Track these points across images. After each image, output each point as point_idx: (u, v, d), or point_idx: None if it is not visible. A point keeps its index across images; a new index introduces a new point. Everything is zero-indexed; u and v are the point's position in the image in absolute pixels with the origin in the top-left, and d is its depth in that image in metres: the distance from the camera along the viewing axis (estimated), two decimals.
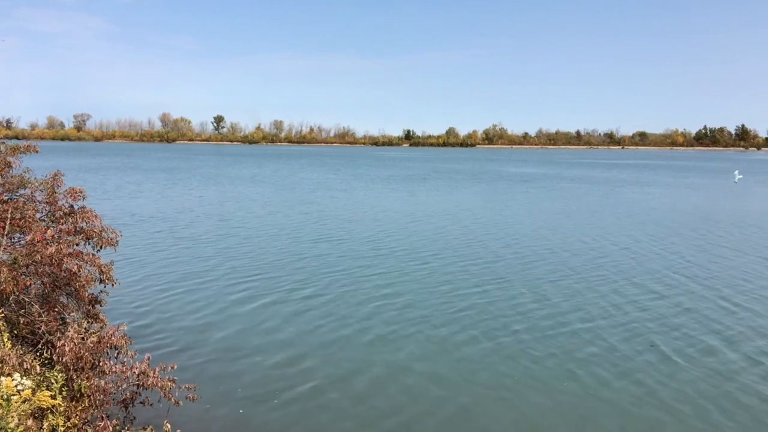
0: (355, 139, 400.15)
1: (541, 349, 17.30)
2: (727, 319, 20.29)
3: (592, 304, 21.72)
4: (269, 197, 59.70)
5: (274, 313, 20.50)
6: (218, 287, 23.82)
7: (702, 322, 19.84)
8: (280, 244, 33.28)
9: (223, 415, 13.22)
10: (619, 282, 25.13)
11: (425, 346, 17.53)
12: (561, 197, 63.94)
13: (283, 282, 24.71)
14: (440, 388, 14.78)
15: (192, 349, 17.09)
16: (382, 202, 57.01)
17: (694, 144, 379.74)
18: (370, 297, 22.39)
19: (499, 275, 26.07)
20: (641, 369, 15.97)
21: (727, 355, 17.05)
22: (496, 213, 49.22)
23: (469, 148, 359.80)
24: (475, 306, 21.31)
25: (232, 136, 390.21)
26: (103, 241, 12.84)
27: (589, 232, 38.97)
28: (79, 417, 10.25)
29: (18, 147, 13.41)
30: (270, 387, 14.72)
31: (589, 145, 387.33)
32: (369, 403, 13.99)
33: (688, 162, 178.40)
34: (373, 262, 28.34)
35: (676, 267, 28.31)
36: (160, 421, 11.31)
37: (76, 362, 10.45)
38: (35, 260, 11.58)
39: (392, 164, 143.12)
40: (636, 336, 18.46)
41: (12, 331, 11.27)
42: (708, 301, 22.38)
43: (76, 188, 13.27)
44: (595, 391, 14.63)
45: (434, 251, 31.30)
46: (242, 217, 45.33)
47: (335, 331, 18.83)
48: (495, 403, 14.04)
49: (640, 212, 50.58)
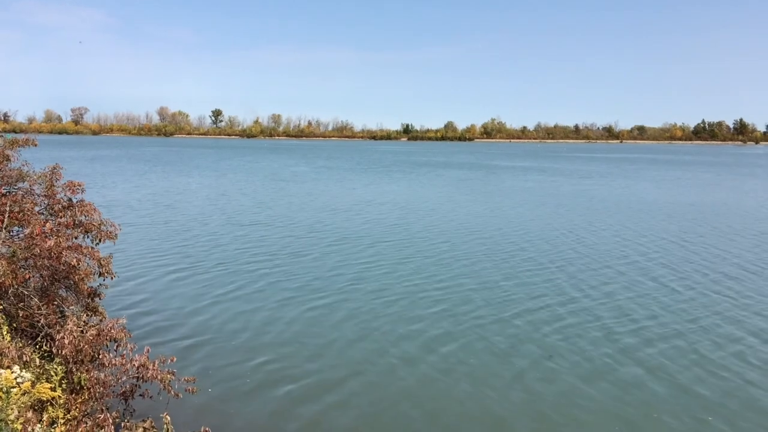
0: (353, 133, 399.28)
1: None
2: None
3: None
4: (268, 188, 59.73)
5: (275, 305, 20.53)
6: (218, 279, 23.85)
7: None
8: (281, 235, 33.35)
9: (223, 408, 13.26)
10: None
11: (435, 336, 17.61)
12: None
13: (284, 273, 24.75)
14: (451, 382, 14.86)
15: (191, 341, 17.13)
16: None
17: (692, 138, 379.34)
18: (375, 290, 22.44)
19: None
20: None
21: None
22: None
23: (467, 142, 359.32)
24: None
25: (230, 130, 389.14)
26: (102, 235, 12.86)
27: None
28: (79, 409, 10.29)
29: (16, 140, 13.39)
30: (271, 380, 14.76)
31: (587, 139, 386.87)
32: (378, 397, 14.02)
33: (676, 156, 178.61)
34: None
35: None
36: (160, 413, 11.38)
37: (76, 355, 10.49)
38: (34, 253, 11.59)
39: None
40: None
41: (11, 324, 11.29)
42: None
43: (75, 181, 13.26)
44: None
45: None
46: (240, 208, 45.35)
47: (340, 324, 18.87)
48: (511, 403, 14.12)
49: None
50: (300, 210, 45.24)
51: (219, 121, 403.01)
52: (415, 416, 13.13)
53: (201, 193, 57.27)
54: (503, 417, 13.17)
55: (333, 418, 13.05)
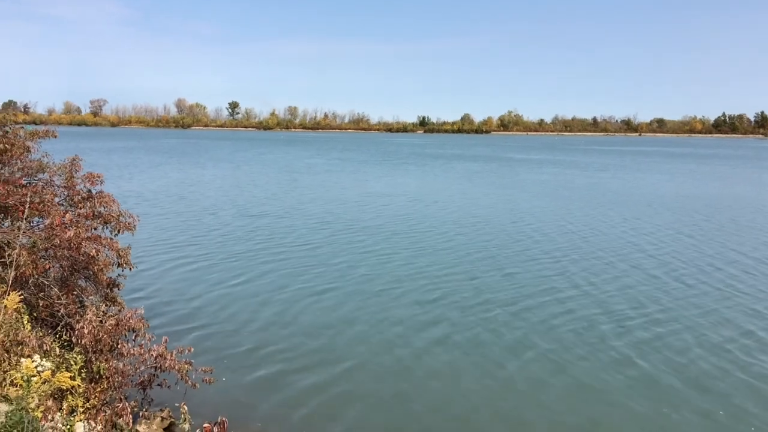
0: (370, 125, 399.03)
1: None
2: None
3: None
4: (281, 180, 59.93)
5: (288, 296, 20.62)
6: (231, 269, 23.99)
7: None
8: (294, 226, 33.43)
9: (240, 399, 13.34)
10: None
11: (452, 329, 17.61)
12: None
13: (296, 264, 24.84)
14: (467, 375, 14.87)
15: (209, 332, 17.25)
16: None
17: (712, 131, 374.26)
18: (388, 281, 22.46)
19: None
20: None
21: None
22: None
23: (484, 134, 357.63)
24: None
25: (246, 122, 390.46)
26: (120, 226, 12.98)
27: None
28: (98, 398, 10.42)
29: (36, 132, 13.53)
30: (289, 371, 14.82)
31: (605, 132, 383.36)
32: (391, 388, 14.03)
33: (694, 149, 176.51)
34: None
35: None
36: (177, 403, 11.50)
37: (95, 344, 10.62)
38: (54, 244, 11.72)
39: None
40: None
41: (32, 314, 11.44)
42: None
43: (94, 173, 13.39)
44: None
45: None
46: (252, 199, 45.54)
47: (352, 314, 18.92)
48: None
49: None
50: (311, 202, 45.29)
51: (236, 113, 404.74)
52: (426, 407, 13.13)
53: (214, 185, 57.63)
54: (518, 410, 13.15)
55: (345, 407, 13.10)
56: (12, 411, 7.77)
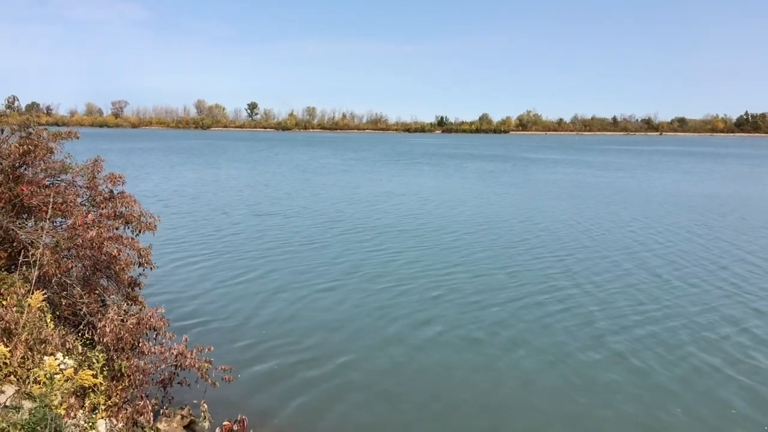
0: (388, 125, 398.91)
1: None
2: None
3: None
4: (302, 180, 60.27)
5: (306, 295, 20.72)
6: (254, 268, 24.17)
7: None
8: (307, 225, 33.64)
9: (260, 397, 13.41)
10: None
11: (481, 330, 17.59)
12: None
13: (311, 263, 24.97)
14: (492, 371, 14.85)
15: (228, 330, 17.37)
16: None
17: (734, 130, 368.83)
18: (401, 278, 22.49)
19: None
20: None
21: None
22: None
23: (502, 134, 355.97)
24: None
25: (265, 123, 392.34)
26: (141, 226, 13.12)
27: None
28: (120, 396, 10.54)
29: (59, 133, 13.70)
30: (304, 369, 14.88)
31: (626, 131, 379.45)
32: (417, 391, 14.03)
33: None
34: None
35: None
36: (198, 401, 11.59)
37: (117, 343, 10.74)
38: (76, 244, 11.87)
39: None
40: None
41: (54, 312, 11.60)
42: None
43: (116, 174, 13.55)
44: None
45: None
46: (266, 199, 45.89)
47: (370, 313, 18.99)
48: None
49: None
50: (323, 201, 45.44)
51: (254, 113, 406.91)
52: (449, 413, 13.12)
53: (228, 185, 58.18)
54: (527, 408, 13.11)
55: (364, 406, 13.14)
56: (36, 408, 7.89)
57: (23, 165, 12.56)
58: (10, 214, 11.92)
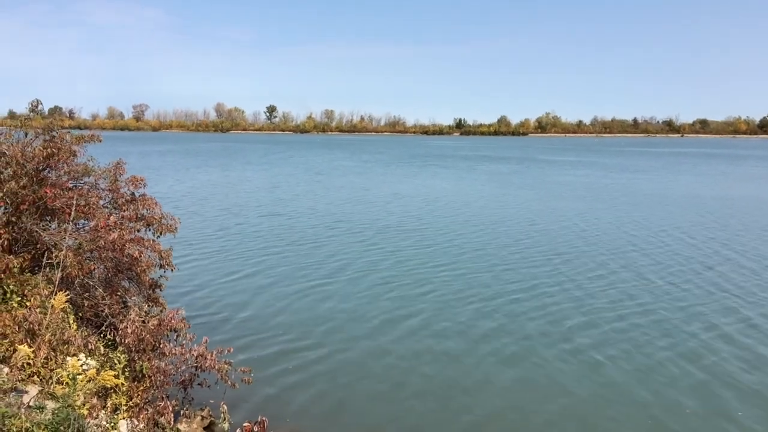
0: (406, 128, 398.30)
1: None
2: None
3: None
4: (325, 182, 60.66)
5: (332, 297, 20.81)
6: (275, 270, 24.33)
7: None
8: (319, 226, 33.87)
9: (279, 399, 13.45)
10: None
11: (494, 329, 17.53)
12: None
13: (340, 266, 25.10)
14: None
15: (248, 332, 17.45)
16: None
17: (757, 132, 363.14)
18: (415, 280, 22.49)
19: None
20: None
21: None
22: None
23: (521, 136, 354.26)
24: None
25: (284, 126, 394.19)
26: (162, 228, 13.24)
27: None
28: (141, 397, 10.62)
29: (82, 137, 13.85)
30: (328, 371, 14.92)
31: (646, 133, 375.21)
32: (429, 391, 14.01)
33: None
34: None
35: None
36: (217, 402, 11.66)
37: (138, 344, 10.84)
38: (99, 245, 12.00)
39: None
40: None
41: (77, 314, 11.73)
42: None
43: (137, 176, 13.69)
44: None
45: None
46: (295, 200, 46.17)
47: (384, 314, 19.03)
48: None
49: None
50: (339, 202, 45.58)
51: (273, 116, 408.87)
52: (471, 414, 13.07)
53: (242, 187, 58.71)
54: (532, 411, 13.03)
55: (387, 405, 13.19)
56: (59, 408, 7.99)
57: (47, 168, 12.72)
58: (34, 216, 12.07)
